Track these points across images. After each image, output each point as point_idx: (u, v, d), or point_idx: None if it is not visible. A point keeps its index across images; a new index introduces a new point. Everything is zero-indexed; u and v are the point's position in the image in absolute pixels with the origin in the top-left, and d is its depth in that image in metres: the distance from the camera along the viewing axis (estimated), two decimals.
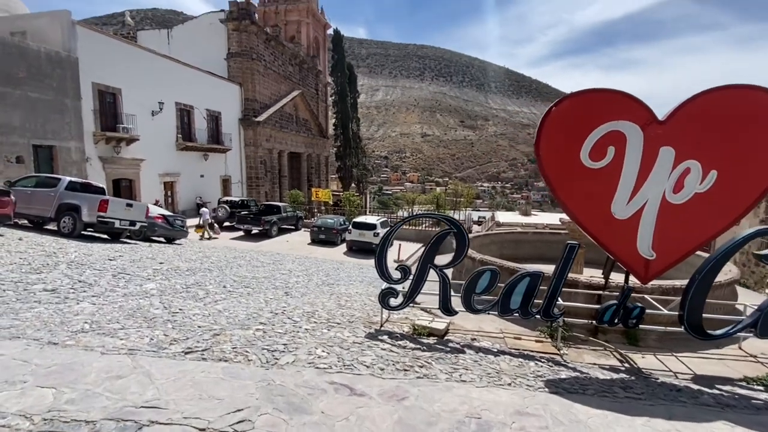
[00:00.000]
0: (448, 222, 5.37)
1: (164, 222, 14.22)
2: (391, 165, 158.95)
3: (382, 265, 5.53)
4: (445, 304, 5.43)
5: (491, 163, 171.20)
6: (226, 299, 6.73)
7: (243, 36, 30.18)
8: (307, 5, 42.86)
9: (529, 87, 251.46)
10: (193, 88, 25.09)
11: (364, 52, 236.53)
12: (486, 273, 5.25)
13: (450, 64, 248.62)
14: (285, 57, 36.80)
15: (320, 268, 12.96)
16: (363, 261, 17.32)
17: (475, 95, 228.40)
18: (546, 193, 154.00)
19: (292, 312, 6.12)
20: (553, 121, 4.78)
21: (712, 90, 4.53)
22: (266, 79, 33.32)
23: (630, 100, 4.72)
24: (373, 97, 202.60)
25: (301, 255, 16.93)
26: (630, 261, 5.03)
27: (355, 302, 7.45)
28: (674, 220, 4.81)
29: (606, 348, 5.49)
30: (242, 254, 14.18)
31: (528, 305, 5.21)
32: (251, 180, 32.14)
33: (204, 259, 11.68)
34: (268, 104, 33.37)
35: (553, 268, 5.20)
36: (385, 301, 5.59)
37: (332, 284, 9.86)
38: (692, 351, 5.50)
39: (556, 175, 4.92)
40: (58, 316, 4.71)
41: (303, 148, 40.59)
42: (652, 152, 4.72)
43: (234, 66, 30.32)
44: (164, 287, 7.01)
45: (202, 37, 30.32)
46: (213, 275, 9.05)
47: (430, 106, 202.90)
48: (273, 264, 12.65)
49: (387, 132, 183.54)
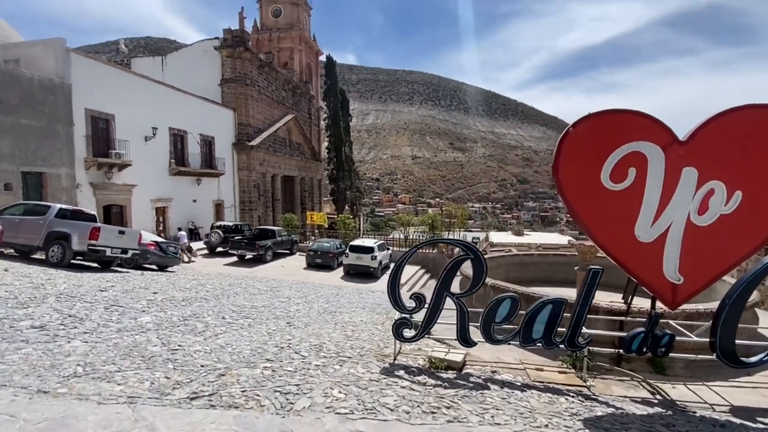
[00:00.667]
0: (464, 248, 5.15)
1: (157, 249, 13.77)
2: (382, 187, 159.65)
3: (395, 294, 5.25)
4: (464, 335, 5.14)
5: (481, 184, 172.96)
6: (227, 332, 6.35)
7: (237, 62, 30.42)
8: (299, 33, 43.65)
9: (515, 110, 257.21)
10: (186, 113, 24.99)
11: (354, 77, 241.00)
12: (506, 301, 5.00)
13: (438, 88, 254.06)
14: (278, 82, 37.11)
15: (319, 294, 12.57)
16: (361, 285, 16.92)
17: (463, 118, 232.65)
18: (536, 213, 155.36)
19: (298, 345, 5.76)
20: (571, 142, 4.65)
21: (733, 110, 4.46)
22: (260, 104, 33.44)
23: (649, 121, 4.62)
24: (363, 121, 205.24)
25: (298, 280, 16.50)
26: (656, 286, 4.83)
27: (362, 332, 7.10)
28: (701, 243, 4.64)
29: (633, 378, 5.22)
30: (238, 281, 13.75)
31: (551, 334, 4.95)
32: (244, 204, 31.77)
33: (199, 287, 11.24)
34: (261, 128, 33.37)
35: (575, 294, 4.97)
36: (399, 333, 5.28)
37: (334, 312, 9.50)
38: (723, 379, 5.25)
39: (576, 198, 4.76)
40: (48, 358, 4.31)
41: (296, 172, 40.48)
42: (675, 173, 4.60)
43: (228, 92, 30.41)
44: (160, 320, 6.61)
45: (197, 63, 30.49)
46: (210, 305, 8.64)
47: (419, 129, 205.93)
48: (270, 291, 12.24)
49: (378, 155, 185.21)
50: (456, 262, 5.13)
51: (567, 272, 9.82)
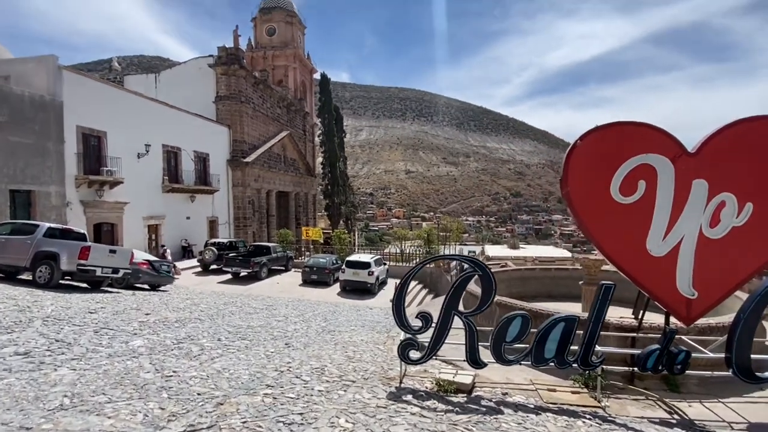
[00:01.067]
0: (472, 264, 4.98)
1: (149, 268, 13.42)
2: (376, 201, 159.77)
3: (400, 314, 5.04)
4: (473, 356, 4.94)
5: (474, 198, 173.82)
6: (224, 355, 6.07)
7: (232, 80, 30.51)
8: (294, 51, 44.10)
9: (507, 125, 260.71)
10: (180, 130, 24.86)
11: (347, 94, 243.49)
12: (516, 319, 4.82)
13: (430, 105, 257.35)
14: (273, 99, 37.25)
15: (317, 312, 12.27)
16: (359, 302, 16.64)
17: (456, 133, 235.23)
18: (530, 226, 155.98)
19: (299, 369, 5.50)
20: (579, 156, 4.56)
21: (742, 121, 4.40)
22: (255, 121, 33.46)
23: (657, 133, 4.55)
24: (357, 137, 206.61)
25: (294, 297, 16.18)
26: (670, 301, 4.69)
27: (364, 353, 6.85)
28: (714, 256, 4.53)
29: (648, 397, 5.03)
30: (232, 300, 13.42)
31: (564, 353, 4.76)
32: (239, 220, 31.46)
33: (193, 307, 10.91)
34: (256, 145, 33.32)
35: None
36: (405, 354, 5.06)
37: (333, 331, 9.22)
38: (737, 395, 5.08)
39: (585, 212, 4.64)
40: (32, 389, 4.03)
41: (291, 187, 40.35)
42: (685, 185, 4.51)
43: (222, 109, 30.41)
44: (153, 344, 6.31)
45: (191, 81, 30.54)
46: (205, 326, 8.33)
47: (412, 144, 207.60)
48: (266, 310, 11.92)
49: (372, 169, 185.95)
50: (463, 279, 4.96)
51: (570, 286, 9.68)
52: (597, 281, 8.21)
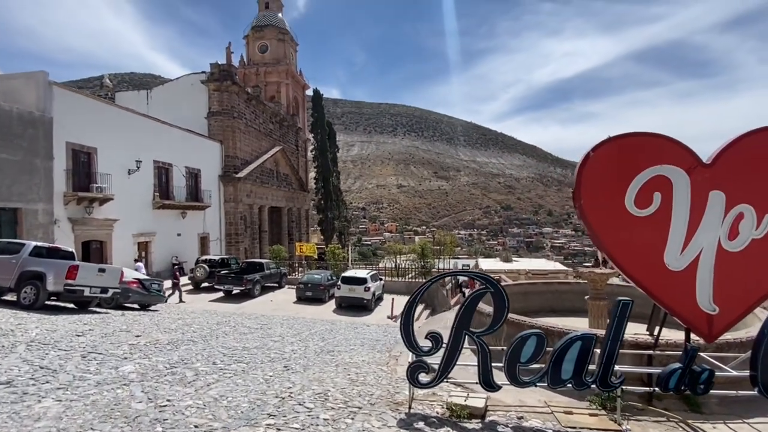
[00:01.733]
0: (483, 281, 4.78)
1: (140, 287, 12.98)
2: (369, 216, 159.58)
3: (409, 334, 4.80)
4: (486, 378, 4.69)
5: (466, 211, 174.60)
6: (220, 380, 5.73)
7: (224, 96, 30.45)
8: (286, 68, 44.37)
9: (496, 140, 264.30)
10: (172, 146, 24.59)
11: (339, 110, 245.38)
12: (531, 338, 4.60)
13: (421, 120, 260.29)
14: (266, 115, 37.23)
15: (313, 331, 11.91)
16: (356, 319, 16.27)
17: (446, 148, 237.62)
18: (521, 239, 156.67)
19: (300, 395, 5.20)
20: (592, 167, 4.43)
21: (758, 131, 4.32)
22: (247, 137, 33.32)
23: (671, 143, 4.45)
24: (349, 152, 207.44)
25: (289, 315, 15.76)
26: (690, 317, 4.52)
27: (367, 375, 6.55)
28: (734, 270, 4.39)
29: (669, 418, 4.81)
30: (225, 319, 13.00)
31: (582, 374, 4.54)
32: (230, 237, 30.99)
33: (185, 327, 10.51)
34: (248, 160, 33.10)
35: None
36: (414, 377, 4.79)
37: (332, 351, 8.89)
38: (762, 414, 4.88)
39: (600, 225, 4.49)
40: (15, 424, 3.70)
41: (284, 203, 40.03)
42: (701, 197, 4.40)
43: (215, 124, 30.25)
44: (145, 369, 5.96)
45: (183, 97, 30.40)
46: (199, 348, 7.97)
47: (404, 159, 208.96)
48: (261, 329, 11.55)
49: (364, 184, 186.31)
50: (475, 296, 4.75)
51: (573, 301, 9.51)
52: (603, 296, 8.07)
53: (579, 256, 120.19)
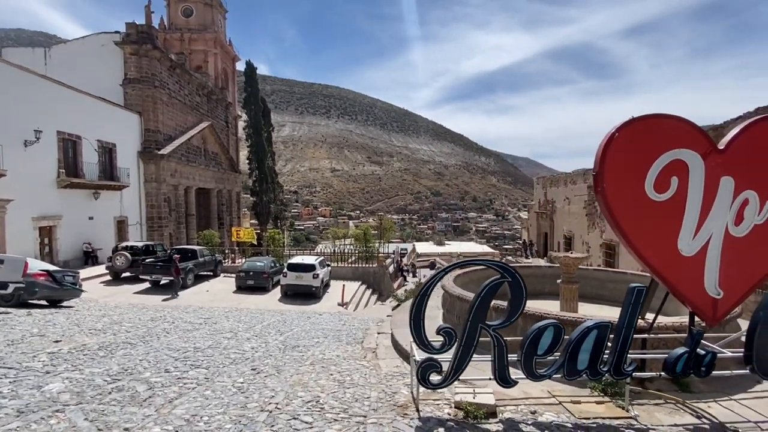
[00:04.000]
0: (500, 269, 4.39)
1: (49, 280, 10.87)
2: (301, 200, 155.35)
3: (420, 331, 4.27)
4: (502, 373, 4.35)
5: (398, 197, 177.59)
6: (183, 394, 4.76)
7: (143, 61, 26.84)
8: (214, 36, 40.48)
9: (427, 127, 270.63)
10: (80, 115, 21.12)
11: (268, 88, 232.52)
12: (549, 329, 4.33)
13: (354, 104, 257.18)
14: (192, 86, 33.73)
15: (266, 324, 10.94)
16: (305, 308, 15.42)
17: (380, 133, 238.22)
18: (449, 223, 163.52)
19: (289, 405, 4.46)
20: (616, 149, 4.20)
21: (764, 118, 4.37)
22: (171, 109, 29.91)
23: (690, 127, 4.37)
24: (279, 133, 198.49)
25: (231, 306, 14.45)
26: (698, 301, 4.56)
27: (351, 374, 5.94)
28: (738, 255, 4.48)
29: (666, 400, 4.88)
30: (160, 314, 11.47)
31: (597, 363, 4.39)
32: (153, 221, 27.85)
33: (114, 326, 8.98)
34: (173, 136, 29.80)
35: (619, 316, 4.49)
36: (426, 378, 4.31)
37: (297, 346, 8.10)
38: (742, 391, 5.17)
39: (621, 211, 4.31)
40: None
41: (213, 184, 36.97)
42: (714, 183, 4.39)
43: (132, 93, 26.63)
44: (79, 386, 4.77)
45: (91, 59, 26.24)
46: (140, 352, 6.74)
47: (337, 143, 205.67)
48: (207, 324, 10.32)
49: (295, 167, 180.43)
50: (491, 287, 4.35)
51: (542, 284, 9.68)
52: (575, 279, 8.23)
53: (500, 239, 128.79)
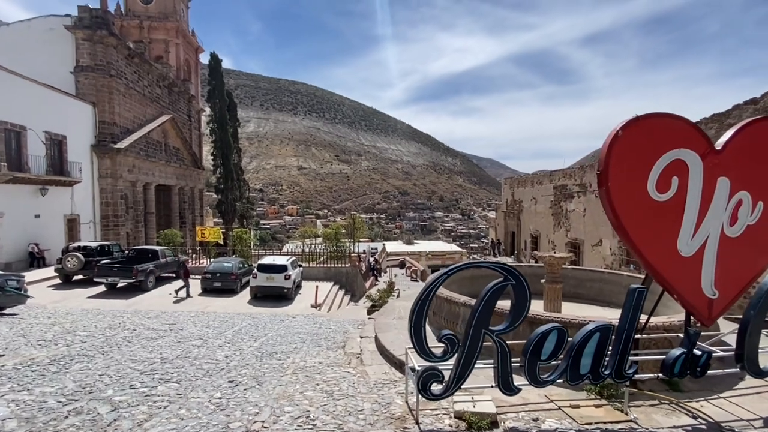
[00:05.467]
0: (503, 272, 4.18)
1: None
2: (267, 198, 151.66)
3: (420, 338, 4.00)
4: (506, 381, 4.15)
5: (366, 196, 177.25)
6: (155, 415, 4.24)
7: (98, 48, 25.01)
8: (176, 24, 38.49)
9: (394, 126, 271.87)
10: (25, 104, 19.36)
11: (232, 82, 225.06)
12: (552, 333, 4.17)
13: (322, 101, 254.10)
14: (152, 77, 31.88)
15: (237, 329, 10.34)
16: (276, 310, 14.79)
17: (348, 132, 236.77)
18: (416, 222, 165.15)
19: (276, 422, 4.06)
20: (620, 148, 4.10)
21: (760, 119, 4.41)
22: (128, 101, 28.10)
23: (689, 126, 4.34)
24: (244, 128, 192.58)
25: (197, 310, 13.64)
26: (695, 301, 4.55)
27: (340, 383, 5.58)
28: (732, 255, 4.51)
29: (661, 401, 4.87)
30: (118, 320, 10.62)
31: (599, 367, 4.28)
32: (108, 219, 26.05)
33: (67, 336, 8.14)
34: (130, 129, 28.02)
35: (620, 318, 4.40)
36: (427, 389, 4.04)
37: (274, 353, 7.63)
38: (728, 388, 5.25)
39: (624, 210, 4.21)
40: None
41: (174, 180, 35.11)
42: (711, 183, 4.39)
43: (85, 82, 24.76)
44: (28, 410, 4.14)
45: (37, 45, 24.15)
46: (99, 366, 6.07)
47: (305, 140, 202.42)
48: (172, 331, 9.61)
49: (261, 164, 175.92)
50: (494, 290, 4.13)
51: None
52: (559, 279, 8.23)
53: (466, 238, 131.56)
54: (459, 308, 7.27)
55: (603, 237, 18.91)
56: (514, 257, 32.31)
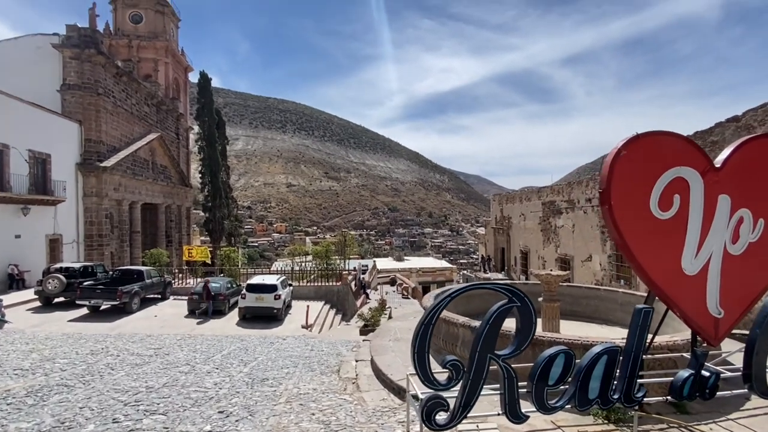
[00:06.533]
0: (507, 293, 4.06)
1: None
2: (255, 215, 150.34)
3: (424, 364, 3.82)
4: (513, 408, 3.98)
5: (356, 212, 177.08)
6: None
7: (86, 66, 24.83)
8: (166, 44, 38.60)
9: (383, 144, 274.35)
10: (8, 121, 18.98)
11: (221, 100, 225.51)
12: (560, 357, 4.03)
13: (311, 119, 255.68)
14: (140, 95, 31.71)
15: (225, 353, 9.96)
16: (266, 332, 14.38)
17: (337, 149, 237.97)
18: (406, 239, 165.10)
19: None
20: (622, 166, 4.06)
21: (757, 137, 4.44)
22: (116, 119, 27.81)
23: (689, 144, 4.35)
24: (232, 146, 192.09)
25: (183, 333, 13.19)
26: (701, 321, 4.47)
27: (337, 412, 5.33)
28: (736, 273, 4.47)
29: (669, 424, 4.73)
30: (101, 345, 10.17)
31: (608, 391, 4.14)
32: (92, 239, 25.39)
33: (46, 364, 7.73)
34: (118, 147, 27.66)
35: (626, 339, 4.29)
36: (431, 419, 3.84)
37: (266, 379, 7.33)
38: (735, 409, 5.15)
39: (628, 229, 4.16)
40: None
41: (161, 198, 34.58)
42: (712, 201, 4.37)
43: (72, 100, 24.46)
44: None
45: (23, 62, 23.92)
46: (80, 397, 5.72)
47: (294, 157, 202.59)
48: (158, 356, 9.22)
49: (249, 182, 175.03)
50: (499, 312, 4.00)
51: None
52: (557, 297, 8.14)
53: (455, 254, 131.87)
54: (458, 329, 7.10)
55: (592, 252, 18.99)
56: (504, 273, 32.29)
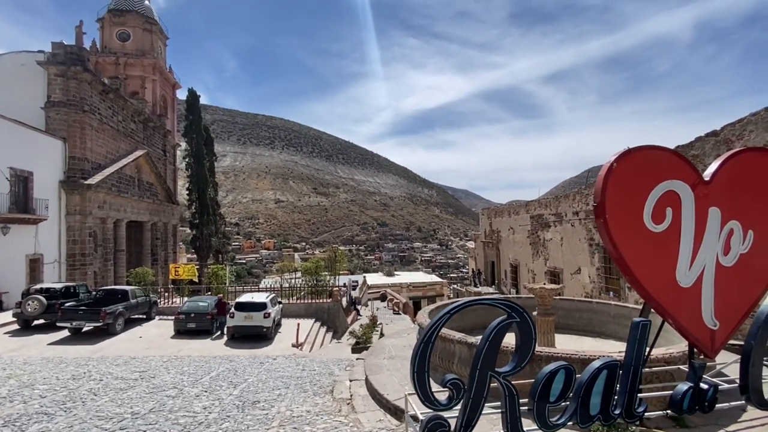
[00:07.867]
0: (506, 308, 4.02)
1: None
2: (243, 232, 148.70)
3: (424, 384, 3.73)
4: (515, 426, 3.90)
5: (345, 227, 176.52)
6: None
7: (71, 83, 24.58)
8: (153, 61, 38.51)
9: (372, 159, 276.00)
10: None
11: (209, 117, 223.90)
12: (560, 373, 3.99)
13: (299, 135, 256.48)
14: (126, 113, 31.44)
15: (214, 375, 9.66)
16: (256, 351, 14.03)
17: (325, 165, 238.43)
18: (395, 253, 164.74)
19: None
20: (615, 180, 4.12)
21: (745, 150, 4.55)
22: (102, 136, 27.47)
23: (679, 159, 4.44)
24: (220, 163, 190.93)
25: (169, 355, 12.79)
26: (697, 333, 4.49)
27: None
28: (729, 284, 4.52)
29: None
30: (83, 369, 9.79)
31: (609, 406, 4.10)
32: (75, 258, 24.70)
33: (24, 391, 7.39)
34: (103, 164, 27.23)
35: (625, 353, 4.27)
36: None
37: (257, 402, 7.10)
38: (733, 421, 5.13)
39: (622, 242, 4.18)
40: None
41: (147, 216, 33.98)
42: (703, 213, 4.44)
43: (56, 117, 24.10)
44: None
45: (6, 80, 23.59)
46: (61, 426, 5.45)
47: (282, 174, 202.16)
48: (143, 380, 8.90)
49: (237, 198, 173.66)
50: (499, 329, 3.96)
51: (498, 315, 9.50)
52: (551, 311, 8.13)
53: (445, 268, 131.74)
54: (455, 346, 7.01)
55: (581, 265, 19.15)
56: (495, 287, 32.31)
